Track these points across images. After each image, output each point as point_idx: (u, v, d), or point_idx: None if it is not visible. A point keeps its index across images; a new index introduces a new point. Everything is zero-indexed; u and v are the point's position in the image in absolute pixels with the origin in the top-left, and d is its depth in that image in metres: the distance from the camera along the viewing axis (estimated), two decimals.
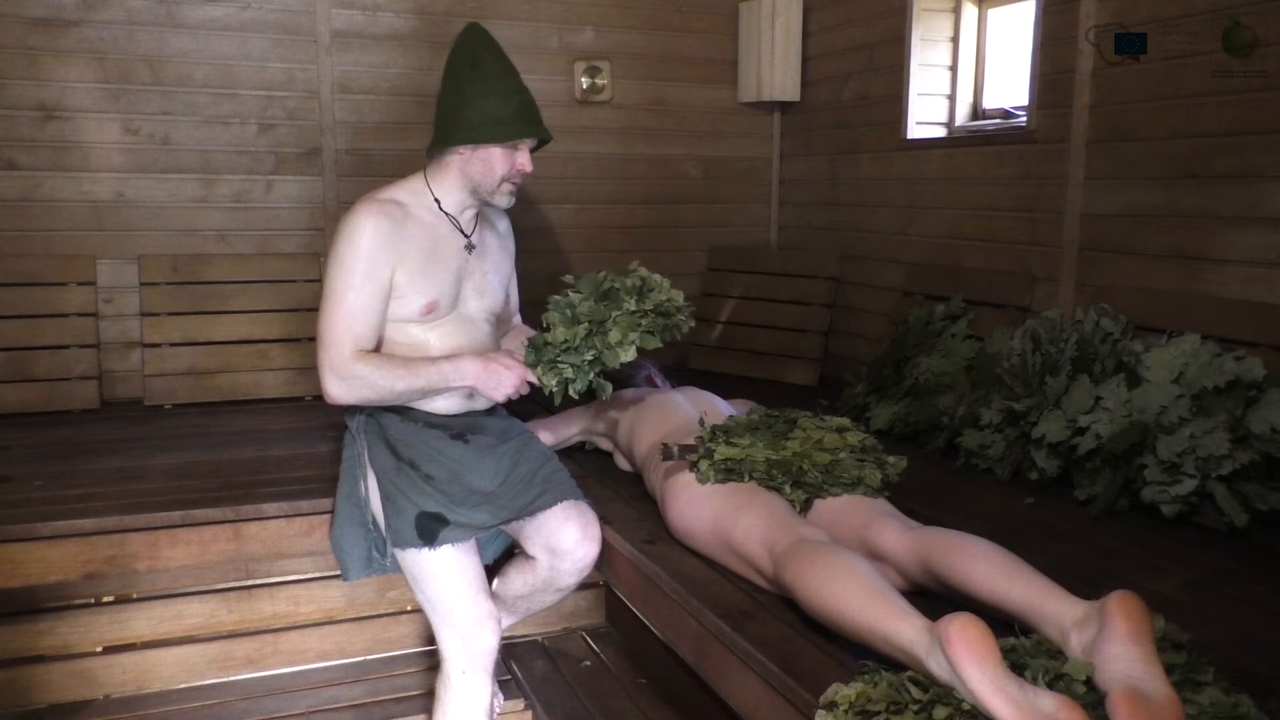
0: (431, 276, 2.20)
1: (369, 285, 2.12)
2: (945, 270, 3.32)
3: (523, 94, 2.22)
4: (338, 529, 2.24)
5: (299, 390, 3.55)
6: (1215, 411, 2.16)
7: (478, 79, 2.19)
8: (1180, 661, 1.35)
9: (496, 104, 2.17)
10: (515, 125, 2.18)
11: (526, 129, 2.20)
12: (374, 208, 2.16)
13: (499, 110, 2.17)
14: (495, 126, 2.17)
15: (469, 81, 2.21)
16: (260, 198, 3.64)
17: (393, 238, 2.14)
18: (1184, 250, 2.54)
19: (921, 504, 2.19)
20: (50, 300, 3.36)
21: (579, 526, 2.16)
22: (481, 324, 2.33)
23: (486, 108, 2.17)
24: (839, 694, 1.33)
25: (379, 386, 2.12)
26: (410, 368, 2.14)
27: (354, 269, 2.11)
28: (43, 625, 2.43)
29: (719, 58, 4.18)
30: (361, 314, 2.12)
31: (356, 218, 2.14)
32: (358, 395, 2.13)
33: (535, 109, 2.24)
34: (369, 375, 2.11)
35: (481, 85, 2.19)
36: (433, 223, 2.23)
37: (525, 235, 3.94)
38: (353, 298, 2.11)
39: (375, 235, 2.12)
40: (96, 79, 3.40)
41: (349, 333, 2.11)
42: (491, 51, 2.25)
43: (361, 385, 2.11)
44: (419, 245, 2.18)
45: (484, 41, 2.26)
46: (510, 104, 2.19)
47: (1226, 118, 2.41)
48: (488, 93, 2.18)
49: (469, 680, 2.11)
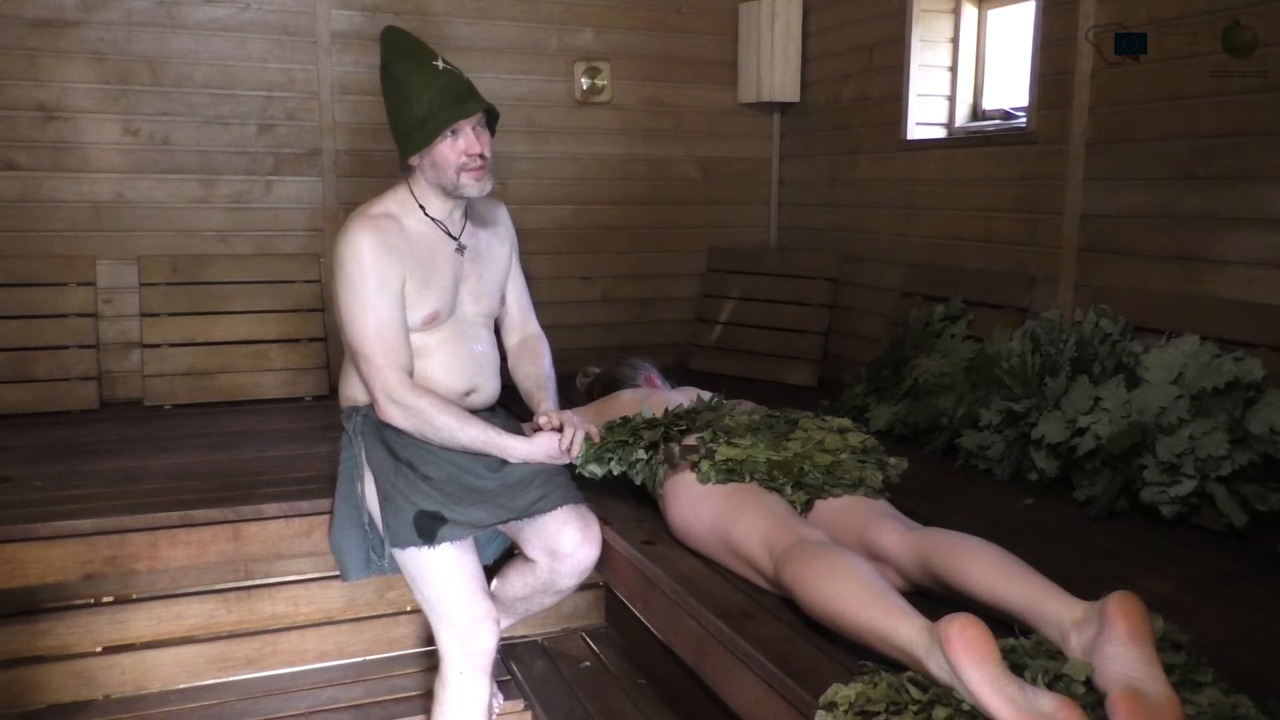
0: (432, 286, 2.19)
1: (386, 299, 2.11)
2: (945, 271, 3.32)
3: (436, 81, 2.15)
4: (336, 530, 2.23)
5: (299, 390, 3.55)
6: (1214, 412, 2.16)
7: (394, 88, 2.17)
8: (1179, 662, 1.34)
9: (415, 105, 2.13)
10: (437, 118, 2.12)
11: (448, 115, 2.12)
12: (368, 223, 2.13)
13: (418, 110, 2.12)
14: (421, 128, 2.13)
15: (390, 92, 2.19)
16: (260, 198, 3.64)
17: (393, 250, 2.12)
18: (1183, 251, 2.54)
19: (921, 505, 2.19)
20: (50, 300, 3.36)
21: (579, 529, 2.15)
22: (479, 329, 2.32)
23: (410, 113, 2.13)
24: (839, 694, 1.33)
25: (433, 424, 2.11)
26: (463, 421, 2.14)
27: (365, 286, 2.09)
28: (42, 625, 2.42)
29: (719, 58, 4.18)
30: (390, 330, 2.11)
31: (353, 236, 2.11)
32: (411, 424, 2.12)
33: (457, 89, 2.16)
34: (428, 411, 2.11)
35: (398, 94, 2.15)
36: (424, 231, 2.21)
37: (525, 236, 3.94)
38: (374, 316, 2.10)
39: (377, 249, 2.10)
40: (96, 79, 3.40)
41: (389, 353, 2.10)
42: (396, 52, 2.20)
43: (417, 417, 2.11)
44: (417, 256, 2.17)
45: (390, 45, 2.21)
46: (425, 99, 2.13)
47: (1226, 118, 2.41)
48: (404, 99, 2.15)
49: (467, 680, 2.11)
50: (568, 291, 4.08)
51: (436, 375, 2.20)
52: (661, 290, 4.26)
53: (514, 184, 3.89)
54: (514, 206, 3.88)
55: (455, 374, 2.24)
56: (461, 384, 2.25)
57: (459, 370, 2.24)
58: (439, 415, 2.11)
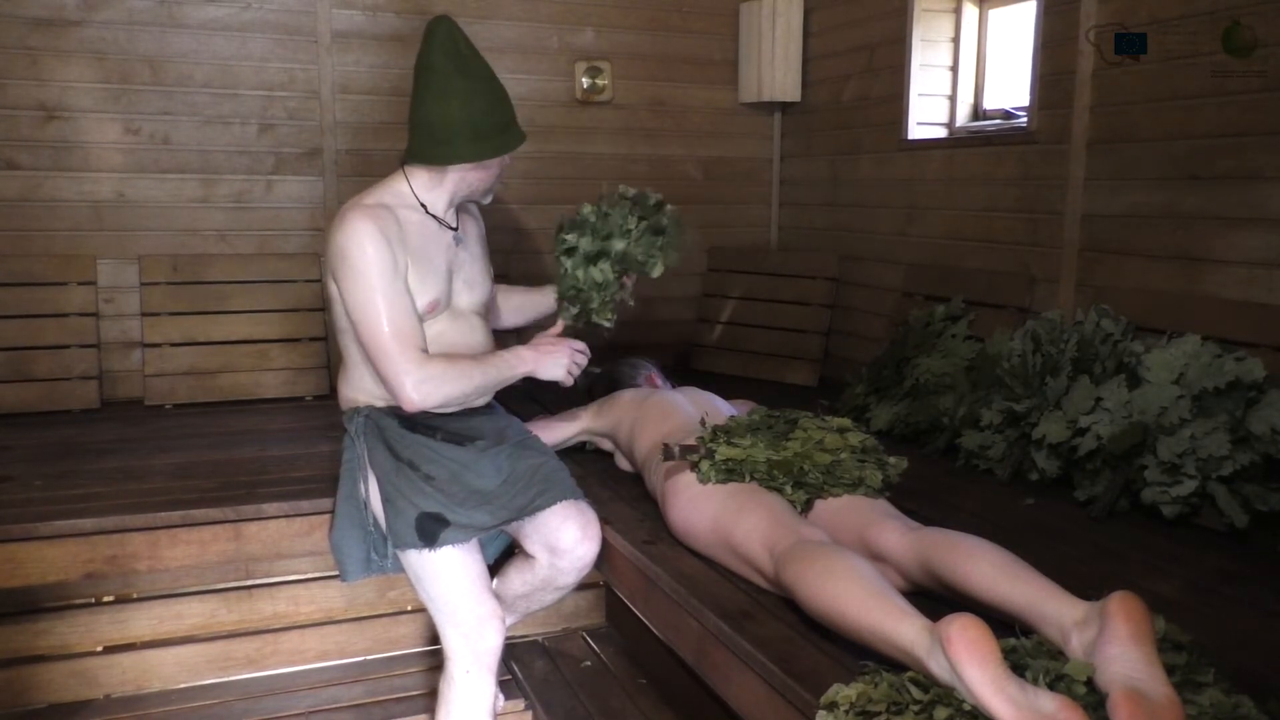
0: (429, 275, 2.19)
1: (394, 284, 2.10)
2: (945, 271, 3.32)
3: (484, 94, 2.15)
4: (337, 530, 2.23)
5: (299, 390, 3.55)
6: (1215, 412, 2.16)
7: (480, 87, 2.14)
8: (1181, 662, 1.34)
9: (453, 111, 2.11)
10: (491, 142, 2.16)
11: (501, 143, 2.18)
12: (365, 213, 2.12)
13: (456, 117, 2.11)
14: (505, 136, 2.16)
15: (427, 85, 2.14)
16: (260, 198, 3.64)
17: (391, 239, 2.12)
18: (1184, 251, 2.53)
19: (921, 504, 2.19)
20: (50, 300, 3.36)
21: (578, 526, 2.15)
22: (473, 318, 2.33)
23: (446, 117, 2.11)
24: (839, 694, 1.33)
25: (456, 382, 2.12)
26: (477, 361, 2.17)
27: (370, 273, 2.08)
28: (43, 625, 2.43)
29: (719, 58, 4.18)
30: (402, 314, 2.11)
31: (351, 226, 2.09)
32: (439, 395, 2.11)
33: (504, 110, 2.19)
34: (445, 373, 2.11)
35: (434, 90, 2.12)
36: (420, 222, 2.21)
37: (524, 236, 3.96)
38: (384, 302, 2.09)
39: (376, 237, 2.09)
40: (97, 79, 3.40)
41: (402, 338, 2.09)
42: (475, 52, 2.17)
43: (440, 383, 2.10)
44: (413, 246, 2.17)
45: (463, 39, 2.17)
46: (505, 108, 2.17)
47: (1226, 118, 2.41)
48: (494, 102, 2.14)
49: (473, 679, 2.11)
50: None
51: None
52: (662, 290, 4.25)
53: (514, 184, 3.88)
54: (514, 206, 3.91)
55: None
56: None
57: None
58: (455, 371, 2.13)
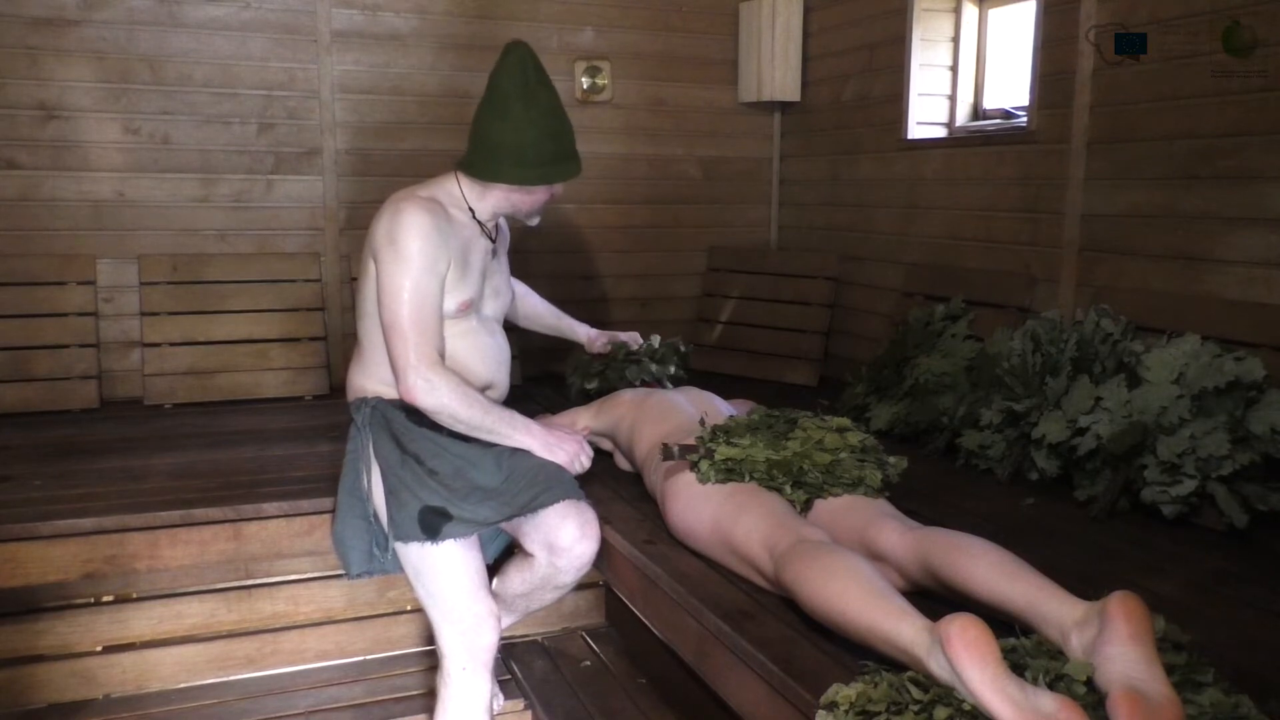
0: (467, 276, 2.25)
1: (433, 281, 2.15)
2: (945, 271, 3.32)
3: (546, 121, 2.22)
4: (339, 523, 2.24)
5: (299, 390, 3.55)
6: (1215, 412, 2.16)
7: (536, 117, 2.20)
8: (1181, 662, 1.34)
9: (554, 146, 2.21)
10: (545, 171, 2.23)
11: (556, 172, 2.25)
12: (422, 205, 2.17)
13: (515, 141, 2.18)
14: (553, 167, 2.22)
15: (492, 102, 2.21)
16: (260, 197, 3.64)
17: (442, 234, 2.17)
18: (1184, 251, 2.54)
19: (921, 504, 2.19)
20: (50, 300, 3.36)
21: (578, 524, 2.15)
22: (495, 326, 2.39)
23: (545, 151, 2.21)
24: (839, 694, 1.33)
25: (457, 396, 2.13)
26: (488, 402, 2.19)
27: (414, 263, 2.12)
28: (43, 625, 2.43)
29: (719, 58, 4.18)
30: (430, 308, 2.14)
31: (407, 214, 2.14)
32: (436, 397, 2.12)
33: (564, 142, 2.27)
34: (451, 388, 2.12)
35: (498, 109, 2.19)
36: (465, 223, 2.28)
37: (524, 235, 3.95)
38: (418, 291, 2.12)
39: (429, 231, 2.14)
40: (97, 79, 3.40)
41: (422, 328, 2.12)
42: (543, 82, 2.24)
43: (440, 393, 2.12)
44: (458, 245, 2.22)
45: (535, 67, 2.24)
46: (559, 142, 2.23)
47: (1226, 118, 2.41)
48: (546, 135, 2.21)
49: (469, 677, 2.12)
50: (568, 291, 4.07)
51: (459, 368, 2.23)
52: (662, 290, 4.26)
53: None
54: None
55: (477, 368, 2.28)
56: (481, 378, 2.29)
57: (480, 364, 2.29)
58: (461, 393, 2.14)
